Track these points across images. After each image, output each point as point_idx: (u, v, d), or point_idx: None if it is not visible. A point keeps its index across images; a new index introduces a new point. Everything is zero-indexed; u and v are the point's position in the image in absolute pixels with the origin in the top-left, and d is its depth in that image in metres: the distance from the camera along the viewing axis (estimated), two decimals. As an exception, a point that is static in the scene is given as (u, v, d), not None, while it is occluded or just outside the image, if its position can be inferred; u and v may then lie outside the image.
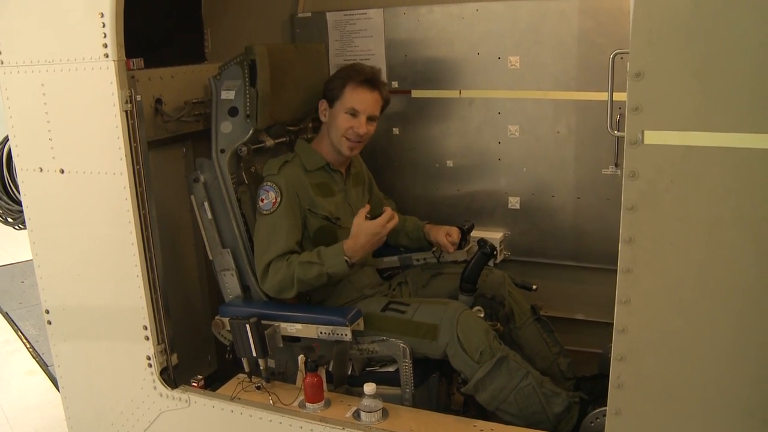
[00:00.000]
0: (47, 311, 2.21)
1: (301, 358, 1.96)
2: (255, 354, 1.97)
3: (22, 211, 2.19)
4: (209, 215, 2.15)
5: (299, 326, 2.00)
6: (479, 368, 1.91)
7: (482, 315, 2.11)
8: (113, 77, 1.85)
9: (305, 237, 2.15)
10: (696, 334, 1.39)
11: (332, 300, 2.21)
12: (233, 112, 2.13)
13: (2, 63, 2.01)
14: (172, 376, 2.09)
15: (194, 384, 2.09)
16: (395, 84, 2.70)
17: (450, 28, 2.57)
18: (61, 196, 2.05)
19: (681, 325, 1.40)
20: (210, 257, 2.18)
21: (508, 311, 2.24)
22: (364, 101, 2.15)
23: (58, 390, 2.32)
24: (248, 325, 1.95)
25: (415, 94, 2.70)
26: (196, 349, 2.52)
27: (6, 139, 2.48)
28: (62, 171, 2.02)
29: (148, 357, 2.06)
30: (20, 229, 2.61)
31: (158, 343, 2.05)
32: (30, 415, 3.11)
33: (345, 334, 1.95)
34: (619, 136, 2.21)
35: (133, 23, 1.88)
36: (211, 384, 2.13)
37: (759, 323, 1.33)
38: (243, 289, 2.16)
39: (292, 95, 2.24)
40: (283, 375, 2.15)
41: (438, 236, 2.33)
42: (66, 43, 1.89)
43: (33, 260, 2.18)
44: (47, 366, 3.56)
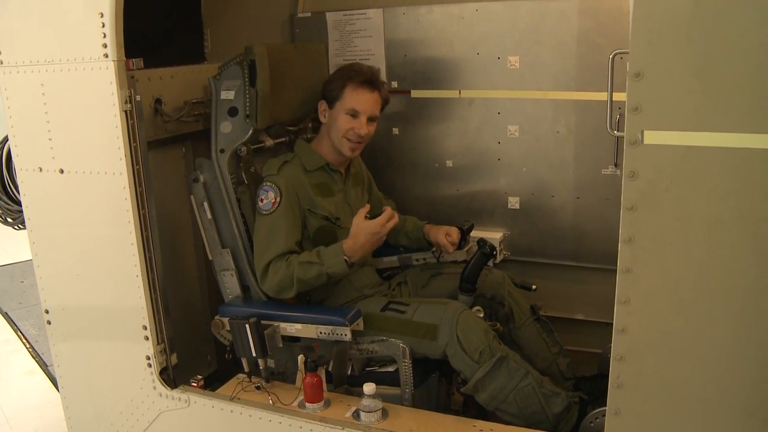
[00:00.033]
0: (47, 311, 2.21)
1: (301, 358, 1.96)
2: (255, 354, 1.97)
3: (22, 211, 2.19)
4: (209, 215, 2.15)
5: (299, 326, 2.01)
6: (479, 368, 1.91)
7: (482, 315, 2.11)
8: (113, 77, 1.85)
9: (305, 237, 2.14)
10: (696, 334, 1.39)
11: (332, 300, 2.21)
12: (233, 112, 2.13)
13: (2, 63, 2.01)
14: (172, 376, 2.09)
15: (194, 384, 2.10)
16: (395, 84, 2.70)
17: (450, 28, 2.57)
18: (61, 196, 2.05)
19: (681, 325, 1.40)
20: (210, 257, 2.18)
21: (508, 311, 2.24)
22: (365, 102, 2.15)
23: (58, 390, 2.32)
24: (248, 325, 1.95)
25: (415, 94, 2.70)
26: (196, 349, 2.52)
27: (6, 139, 2.48)
28: (62, 171, 2.01)
29: (148, 357, 2.06)
30: (20, 229, 2.61)
31: (158, 343, 2.05)
32: (30, 415, 3.10)
33: (345, 334, 1.95)
34: (619, 136, 2.21)
35: (133, 23, 1.88)
36: (211, 384, 2.13)
37: (759, 323, 1.33)
38: (243, 289, 2.16)
39: (292, 95, 2.24)
40: (283, 375, 2.15)
41: (438, 236, 2.33)
42: (66, 43, 1.89)
43: (33, 260, 2.18)
44: (47, 366, 3.55)
